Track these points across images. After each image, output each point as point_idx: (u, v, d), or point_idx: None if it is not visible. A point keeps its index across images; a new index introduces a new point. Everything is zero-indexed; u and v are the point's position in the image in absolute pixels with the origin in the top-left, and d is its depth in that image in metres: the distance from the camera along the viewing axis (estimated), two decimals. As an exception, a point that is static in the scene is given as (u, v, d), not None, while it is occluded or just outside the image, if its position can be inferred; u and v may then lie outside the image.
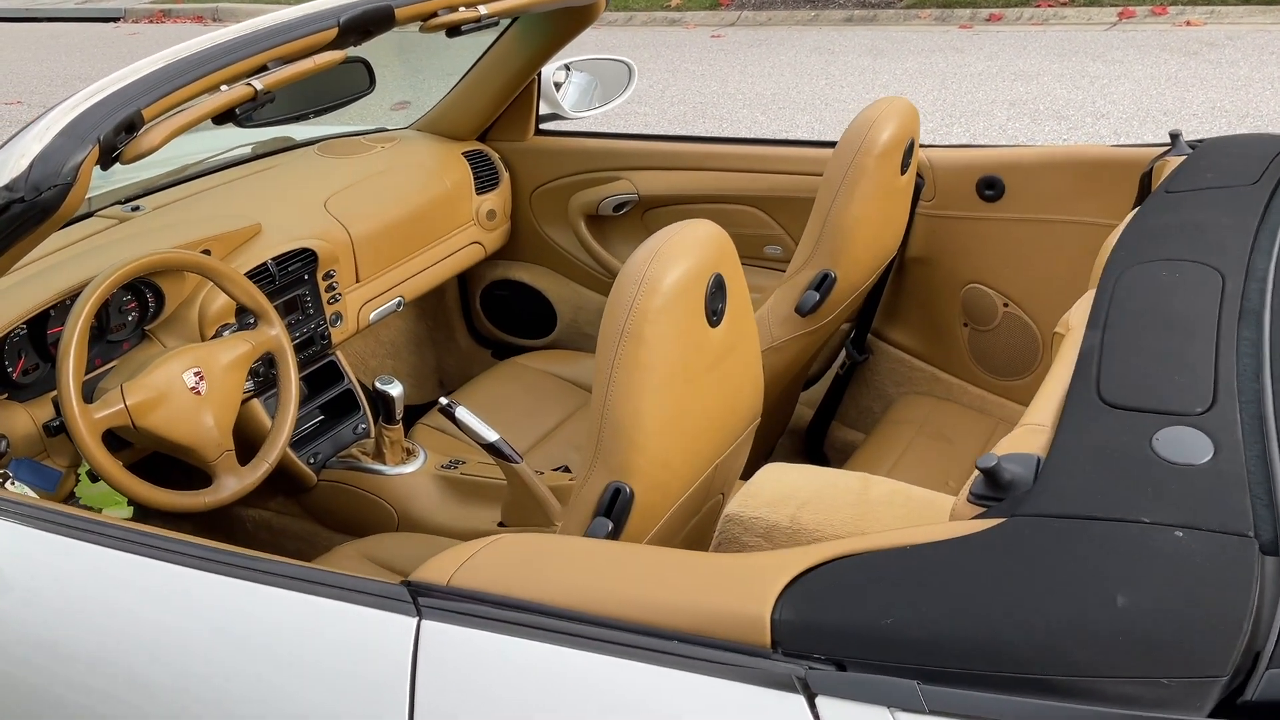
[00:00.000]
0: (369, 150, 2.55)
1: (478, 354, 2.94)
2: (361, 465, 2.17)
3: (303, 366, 2.25)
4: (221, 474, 1.83)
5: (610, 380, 1.23)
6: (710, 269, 1.28)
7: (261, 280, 2.09)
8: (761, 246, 2.49)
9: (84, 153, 1.34)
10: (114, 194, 2.30)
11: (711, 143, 2.48)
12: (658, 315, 1.22)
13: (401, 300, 2.43)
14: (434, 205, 2.48)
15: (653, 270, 1.22)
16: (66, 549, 1.24)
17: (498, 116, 2.63)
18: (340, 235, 2.26)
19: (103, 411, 1.67)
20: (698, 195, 2.47)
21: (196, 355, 1.81)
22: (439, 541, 1.95)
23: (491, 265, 2.80)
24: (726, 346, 1.34)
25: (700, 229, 1.30)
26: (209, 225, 2.09)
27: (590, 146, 2.59)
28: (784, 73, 7.50)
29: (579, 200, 2.60)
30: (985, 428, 2.20)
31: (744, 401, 1.43)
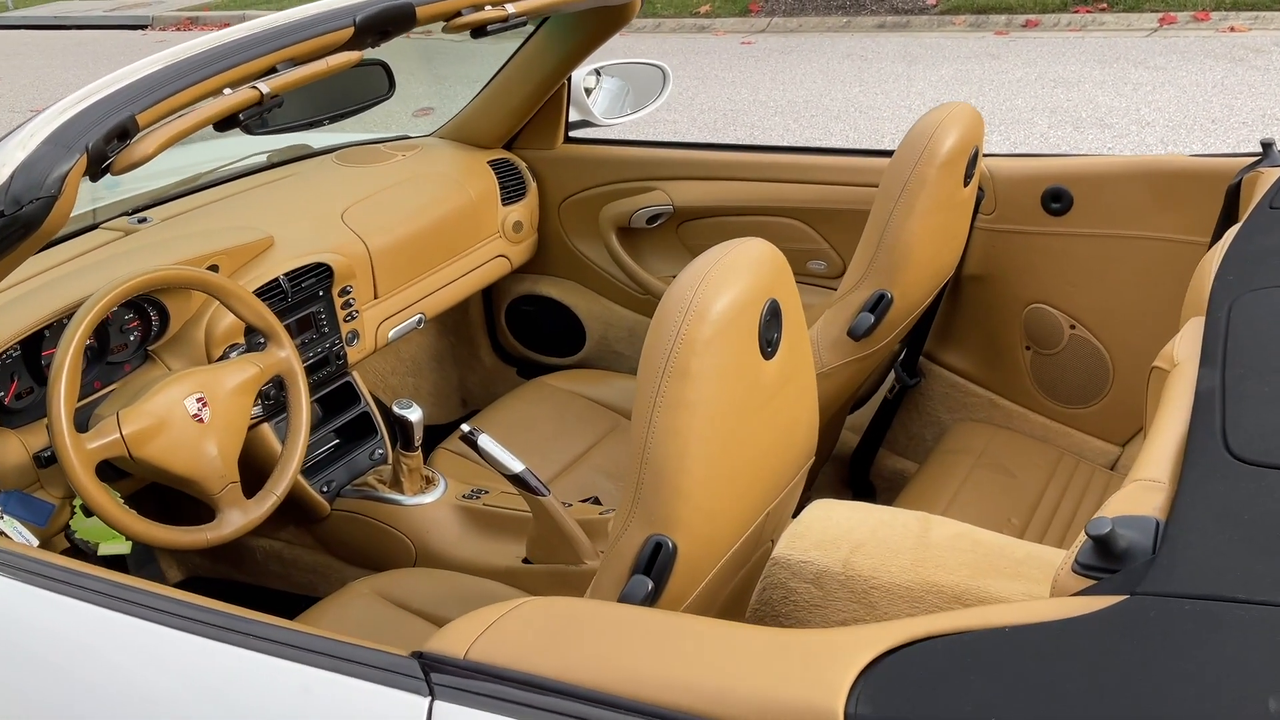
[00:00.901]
0: (389, 159, 2.42)
1: (503, 372, 2.80)
2: (377, 494, 2.03)
3: (317, 388, 2.12)
4: (225, 508, 1.70)
5: (651, 420, 1.08)
6: (764, 294, 1.14)
7: (273, 297, 1.97)
8: (804, 262, 2.34)
9: (70, 162, 1.21)
10: (121, 205, 2.18)
11: (751, 151, 2.34)
12: (706, 347, 1.07)
13: (422, 317, 2.29)
14: (457, 217, 2.35)
15: (701, 296, 1.08)
16: (40, 603, 1.10)
17: (525, 123, 2.50)
18: (358, 249, 2.13)
19: (96, 441, 1.54)
20: (736, 207, 2.33)
21: (199, 380, 1.68)
22: (459, 579, 1.81)
23: (518, 279, 2.66)
24: (781, 380, 1.19)
25: (753, 248, 1.15)
26: (218, 238, 1.96)
27: (622, 155, 2.45)
28: (815, 80, 7.35)
29: (610, 212, 2.46)
30: (1048, 459, 2.04)
31: (799, 440, 1.28)
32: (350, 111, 1.83)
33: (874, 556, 1.47)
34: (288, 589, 2.20)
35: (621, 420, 2.35)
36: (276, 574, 2.21)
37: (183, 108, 1.34)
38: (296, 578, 2.18)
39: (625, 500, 1.13)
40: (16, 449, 1.63)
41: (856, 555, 1.48)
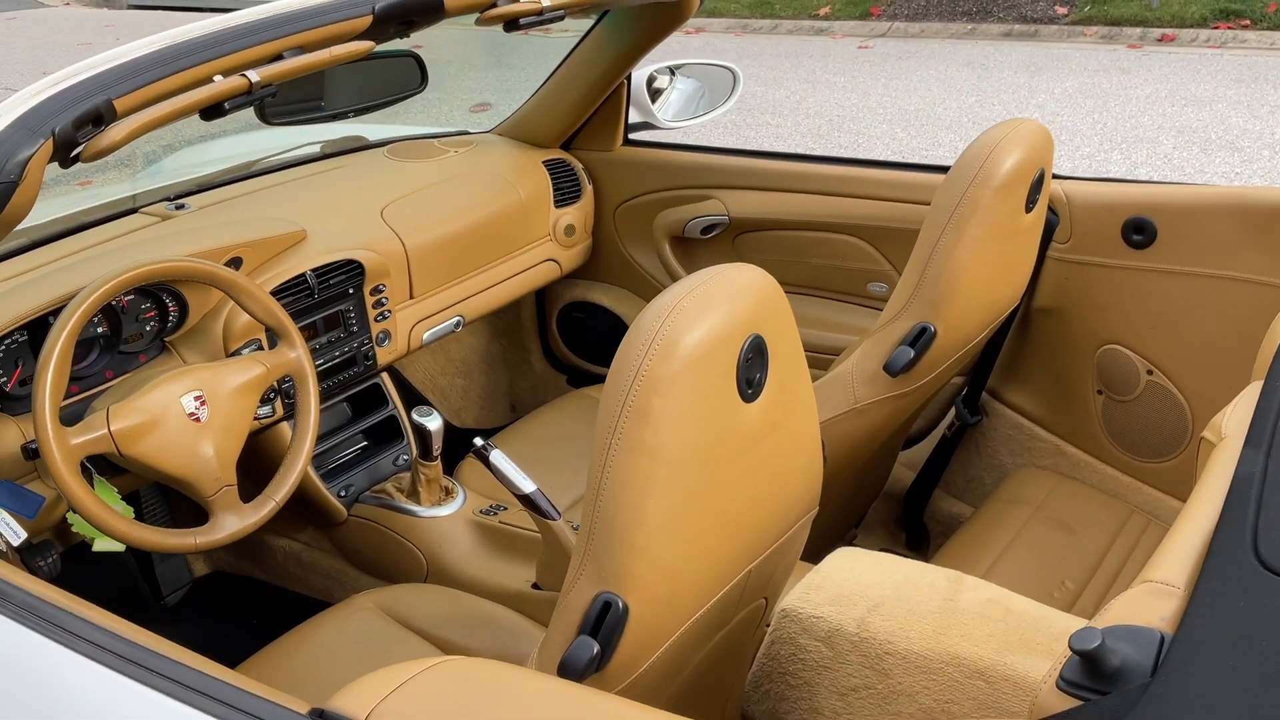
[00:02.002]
0: (441, 155, 2.35)
1: (552, 378, 2.71)
2: (393, 503, 1.96)
3: (344, 388, 2.06)
4: (219, 511, 1.64)
5: (606, 465, 0.97)
6: (747, 328, 1.01)
7: (299, 293, 1.91)
8: (865, 283, 2.18)
9: (34, 147, 1.15)
10: (162, 190, 2.16)
11: (814, 162, 2.19)
12: (670, 385, 0.95)
13: (461, 320, 2.21)
14: (505, 217, 2.26)
15: (669, 328, 0.95)
16: None
17: (584, 123, 2.40)
18: (393, 246, 2.06)
19: (82, 436, 1.49)
20: (795, 221, 2.19)
21: (200, 377, 1.62)
22: (465, 600, 1.72)
23: (570, 285, 2.57)
24: (767, 425, 1.06)
25: (740, 276, 1.03)
26: (248, 229, 1.91)
27: (681, 161, 2.33)
28: (931, 87, 7.08)
29: (665, 219, 2.35)
30: (1116, 516, 1.85)
31: (792, 491, 1.14)
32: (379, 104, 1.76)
33: (893, 618, 1.33)
34: (305, 592, 2.15)
35: None
36: (295, 576, 2.15)
37: (167, 95, 1.27)
38: (313, 581, 2.13)
39: (577, 550, 1.02)
40: (13, 437, 1.59)
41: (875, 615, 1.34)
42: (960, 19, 8.97)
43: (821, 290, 2.25)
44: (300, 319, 1.92)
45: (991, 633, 1.32)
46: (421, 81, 1.83)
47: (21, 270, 1.81)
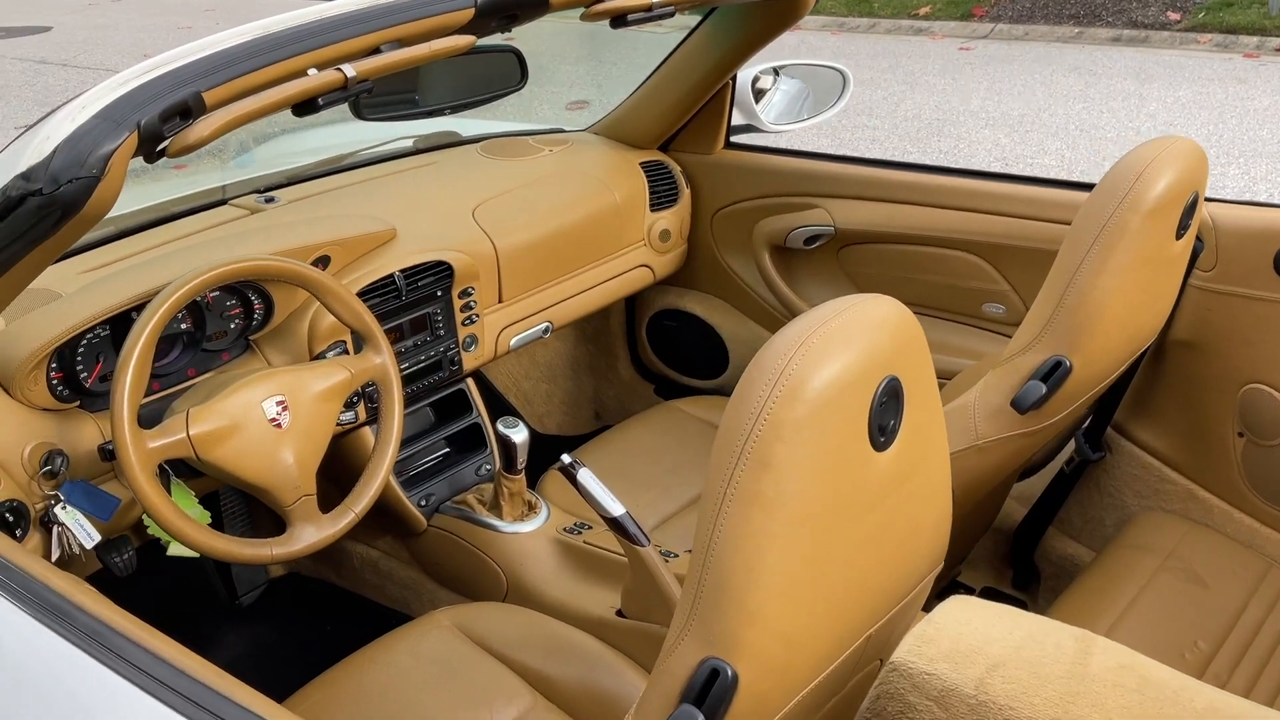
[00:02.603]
0: (535, 153, 2.27)
1: (640, 387, 2.61)
2: (474, 516, 1.88)
3: (428, 393, 1.99)
4: (297, 522, 1.57)
5: (720, 517, 0.86)
6: (882, 369, 0.90)
7: (386, 294, 1.84)
8: (980, 304, 2.04)
9: (118, 140, 1.08)
10: (253, 182, 2.11)
11: (930, 172, 2.06)
12: (797, 431, 0.84)
13: (550, 326, 2.13)
14: (599, 221, 2.17)
15: (796, 367, 0.85)
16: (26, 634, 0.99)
17: (684, 124, 2.29)
18: (484, 248, 1.98)
19: (160, 440, 1.43)
20: (905, 234, 2.06)
21: (283, 381, 1.55)
22: (546, 623, 1.63)
23: (662, 292, 2.47)
24: (899, 476, 0.95)
25: (875, 310, 0.91)
26: (337, 226, 1.85)
27: (785, 166, 2.21)
28: (1036, 92, 6.84)
29: (765, 228, 2.23)
30: (1253, 570, 1.69)
31: (922, 548, 1.03)
32: (477, 101, 1.68)
33: (1016, 681, 1.21)
34: (381, 601, 2.09)
35: None
36: (372, 584, 2.09)
37: (259, 88, 1.19)
38: (390, 591, 2.06)
39: (682, 607, 0.92)
40: (91, 435, 1.55)
41: (995, 676, 1.22)
42: (1067, 22, 8.66)
43: (932, 309, 2.12)
44: (386, 321, 1.85)
45: (1127, 704, 1.19)
46: (521, 78, 1.75)
47: (108, 260, 1.77)
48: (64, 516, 1.47)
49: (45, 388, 1.51)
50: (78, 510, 1.49)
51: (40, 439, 1.50)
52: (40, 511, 1.49)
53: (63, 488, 1.49)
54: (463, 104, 1.63)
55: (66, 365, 1.54)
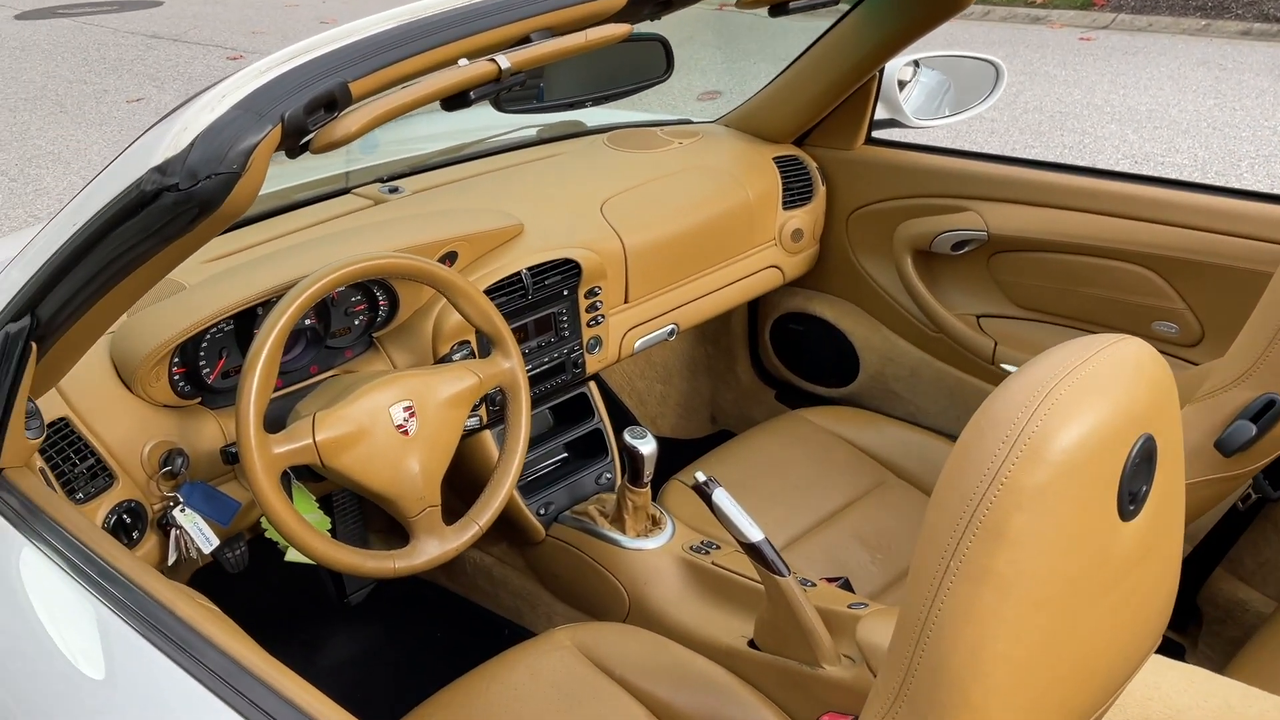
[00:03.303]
0: (665, 146, 2.16)
1: (760, 392, 2.49)
2: (595, 529, 1.79)
3: (549, 397, 1.90)
4: (421, 534, 1.49)
5: (940, 594, 0.74)
6: (1138, 427, 0.77)
7: (512, 292, 1.75)
8: (1149, 322, 1.88)
9: (260, 134, 1.00)
10: (375, 170, 2.04)
11: (1094, 175, 1.90)
12: (1038, 498, 0.72)
13: (675, 328, 2.02)
14: (730, 218, 2.06)
15: (1040, 423, 0.72)
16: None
17: (823, 117, 2.16)
18: (613, 246, 1.88)
19: (285, 446, 1.36)
20: (1067, 243, 1.90)
21: (410, 386, 1.47)
22: (672, 650, 1.53)
23: (789, 293, 2.34)
24: (1142, 549, 0.82)
25: (1128, 354, 0.78)
26: (464, 221, 1.76)
27: (932, 165, 2.07)
28: (1163, 86, 6.51)
29: (909, 230, 2.09)
30: None
31: (1150, 625, 0.90)
32: (620, 93, 1.57)
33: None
34: (494, 609, 2.01)
35: (889, 476, 1.99)
36: (484, 591, 2.02)
37: (407, 78, 1.10)
38: (504, 600, 1.98)
39: (884, 689, 0.80)
40: (213, 434, 1.49)
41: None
42: (1193, 14, 8.26)
43: (1093, 325, 1.96)
44: (511, 321, 1.77)
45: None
46: (667, 69, 1.64)
47: (231, 250, 1.71)
48: (182, 520, 1.42)
49: (167, 384, 1.46)
50: (196, 514, 1.43)
51: (161, 437, 1.44)
52: (158, 513, 1.44)
53: (182, 489, 1.43)
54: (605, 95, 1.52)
55: (189, 360, 1.48)
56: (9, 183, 5.46)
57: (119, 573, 1.03)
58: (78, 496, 1.37)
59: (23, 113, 6.77)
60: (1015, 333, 2.05)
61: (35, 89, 7.35)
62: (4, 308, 1.15)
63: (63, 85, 7.47)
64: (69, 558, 1.07)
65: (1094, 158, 5.33)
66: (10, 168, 5.68)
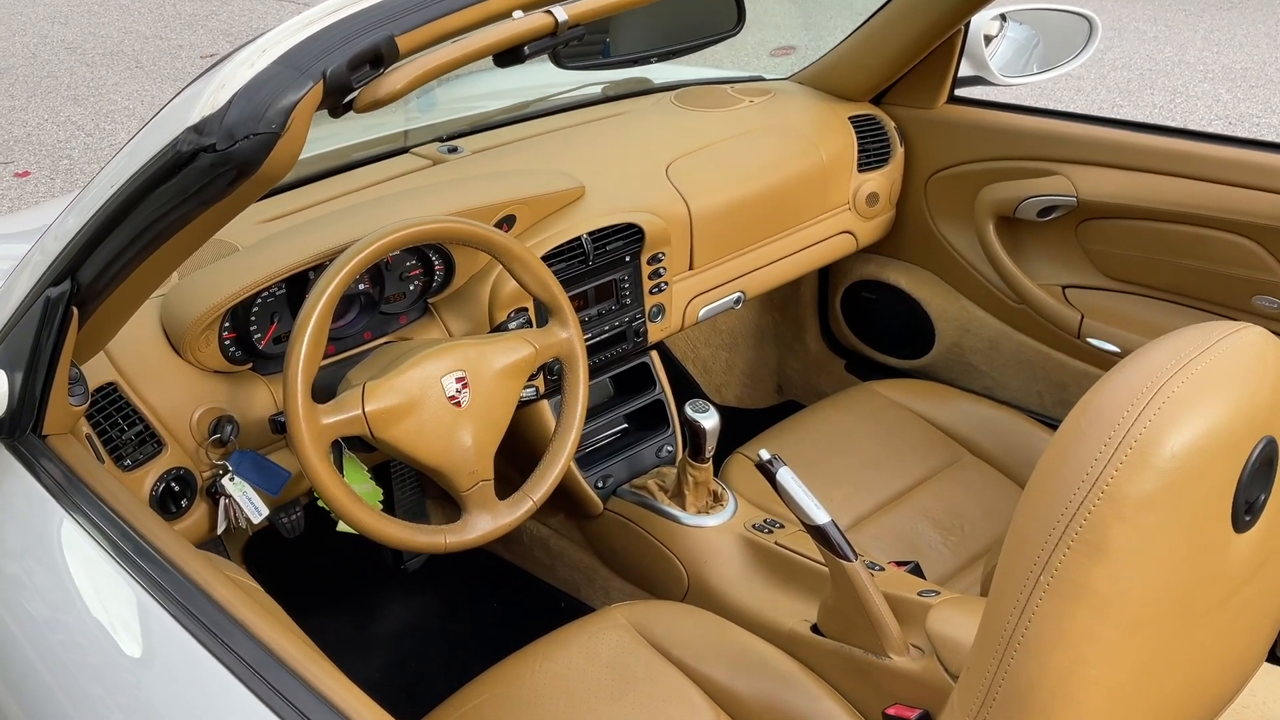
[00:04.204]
0: (735, 104, 2.07)
1: (829, 362, 2.41)
2: (655, 504, 1.73)
3: (609, 366, 1.84)
4: (473, 509, 1.45)
5: (1027, 611, 0.67)
6: (1260, 429, 0.68)
7: (572, 258, 1.69)
8: (1249, 296, 1.76)
9: (301, 91, 0.94)
10: (435, 129, 1.98)
11: (1192, 138, 1.77)
12: (1144, 508, 0.64)
13: (742, 296, 1.94)
14: (802, 182, 1.96)
15: (1148, 424, 0.64)
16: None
17: (903, 74, 2.05)
18: (678, 210, 1.80)
19: (334, 416, 1.32)
20: (1163, 210, 1.78)
21: (463, 355, 1.42)
22: (731, 631, 1.47)
23: (862, 260, 2.25)
24: (1257, 559, 0.73)
25: (1250, 344, 0.70)
26: (524, 183, 1.70)
27: (1018, 125, 1.95)
28: (1260, 44, 6.19)
29: (992, 195, 1.98)
30: None
31: (1262, 638, 0.81)
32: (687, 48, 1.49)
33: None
34: (550, 581, 1.97)
35: (964, 454, 1.90)
36: (541, 563, 1.97)
37: (458, 32, 1.03)
38: (560, 573, 1.94)
39: (962, 708, 0.73)
40: (264, 401, 1.45)
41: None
42: (1297, -37, 7.83)
43: (1189, 298, 1.84)
44: (570, 288, 1.70)
45: None
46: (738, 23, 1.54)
47: (288, 210, 1.66)
48: (231, 489, 1.39)
49: (217, 348, 1.42)
50: (246, 483, 1.39)
51: (210, 403, 1.41)
52: (207, 481, 1.41)
53: (231, 458, 1.40)
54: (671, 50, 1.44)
55: (240, 325, 1.44)
56: (85, 137, 5.53)
57: (157, 551, 0.99)
58: (126, 463, 1.34)
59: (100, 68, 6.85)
60: (1104, 305, 1.94)
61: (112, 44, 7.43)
62: (45, 272, 1.11)
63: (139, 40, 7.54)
64: (107, 533, 1.03)
65: (1185, 118, 5.09)
66: (86, 122, 5.75)
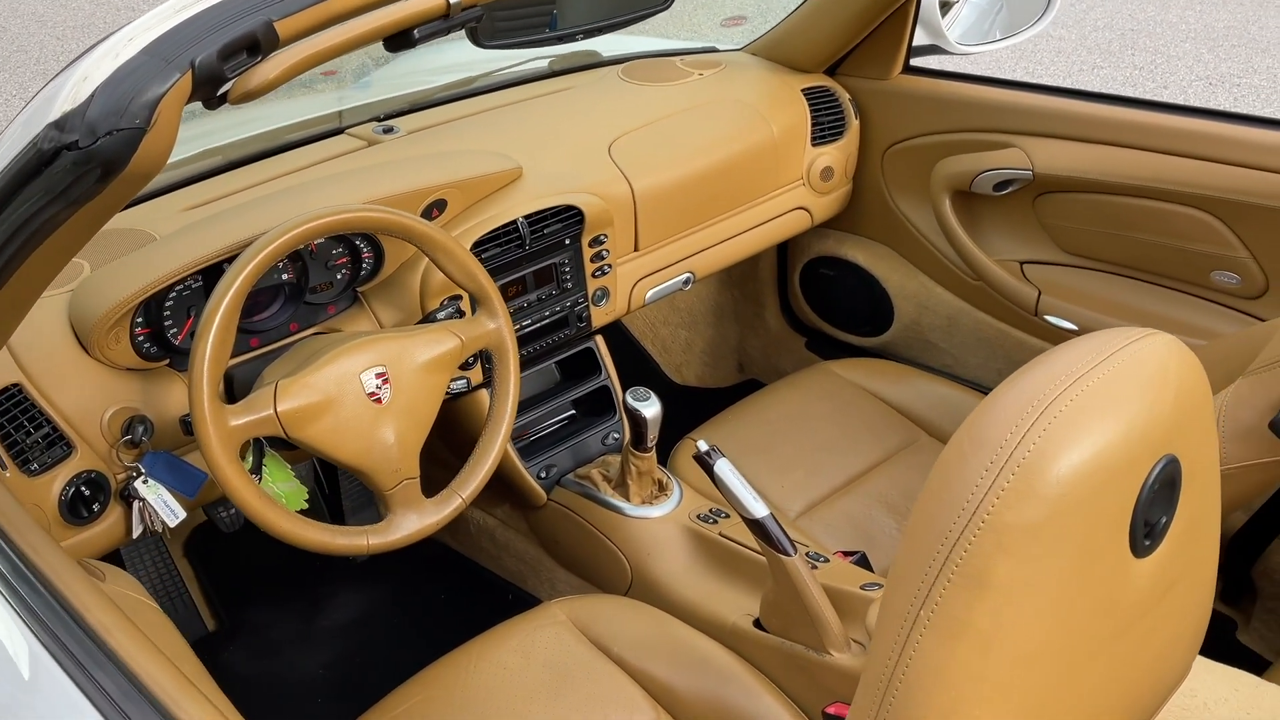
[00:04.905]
0: (684, 77, 2.00)
1: (789, 340, 2.36)
2: (598, 495, 1.68)
3: (552, 353, 1.78)
4: (397, 508, 1.40)
5: (909, 644, 0.62)
6: (1159, 447, 0.63)
7: (508, 242, 1.63)
8: (1208, 271, 1.71)
9: (167, 83, 0.88)
10: (373, 108, 1.91)
11: (1154, 109, 1.72)
12: (1029, 541, 0.59)
13: (691, 277, 1.89)
14: (753, 157, 1.90)
15: (1035, 447, 0.59)
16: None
17: (857, 44, 1.98)
18: (620, 190, 1.74)
19: (244, 417, 1.27)
20: (1120, 184, 1.73)
21: (384, 350, 1.36)
22: (673, 626, 1.43)
23: (820, 235, 2.19)
24: (1161, 585, 0.69)
25: (1150, 354, 0.64)
26: (457, 165, 1.64)
27: (975, 96, 1.89)
28: (1241, 2, 6.10)
29: (948, 168, 1.92)
30: None
31: (1175, 664, 0.77)
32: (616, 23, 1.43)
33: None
34: (497, 572, 1.93)
35: (921, 435, 1.86)
36: (488, 553, 1.93)
37: (343, 16, 0.97)
38: (507, 563, 1.90)
39: None
40: (180, 399, 1.40)
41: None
42: (1285, -82, 7.72)
43: (1148, 274, 1.79)
44: (508, 273, 1.65)
45: None
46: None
47: (214, 196, 1.60)
48: (145, 491, 1.33)
49: (129, 345, 1.36)
50: (160, 485, 1.34)
51: (122, 403, 1.36)
52: (121, 483, 1.36)
53: (144, 459, 1.35)
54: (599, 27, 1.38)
55: (154, 320, 1.38)
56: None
57: (34, 572, 0.94)
58: (32, 467, 1.29)
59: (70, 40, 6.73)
60: (1061, 281, 1.88)
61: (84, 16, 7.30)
62: (-81, 275, 1.05)
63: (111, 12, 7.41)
64: None
65: (1166, 78, 5.02)
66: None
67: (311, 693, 1.83)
